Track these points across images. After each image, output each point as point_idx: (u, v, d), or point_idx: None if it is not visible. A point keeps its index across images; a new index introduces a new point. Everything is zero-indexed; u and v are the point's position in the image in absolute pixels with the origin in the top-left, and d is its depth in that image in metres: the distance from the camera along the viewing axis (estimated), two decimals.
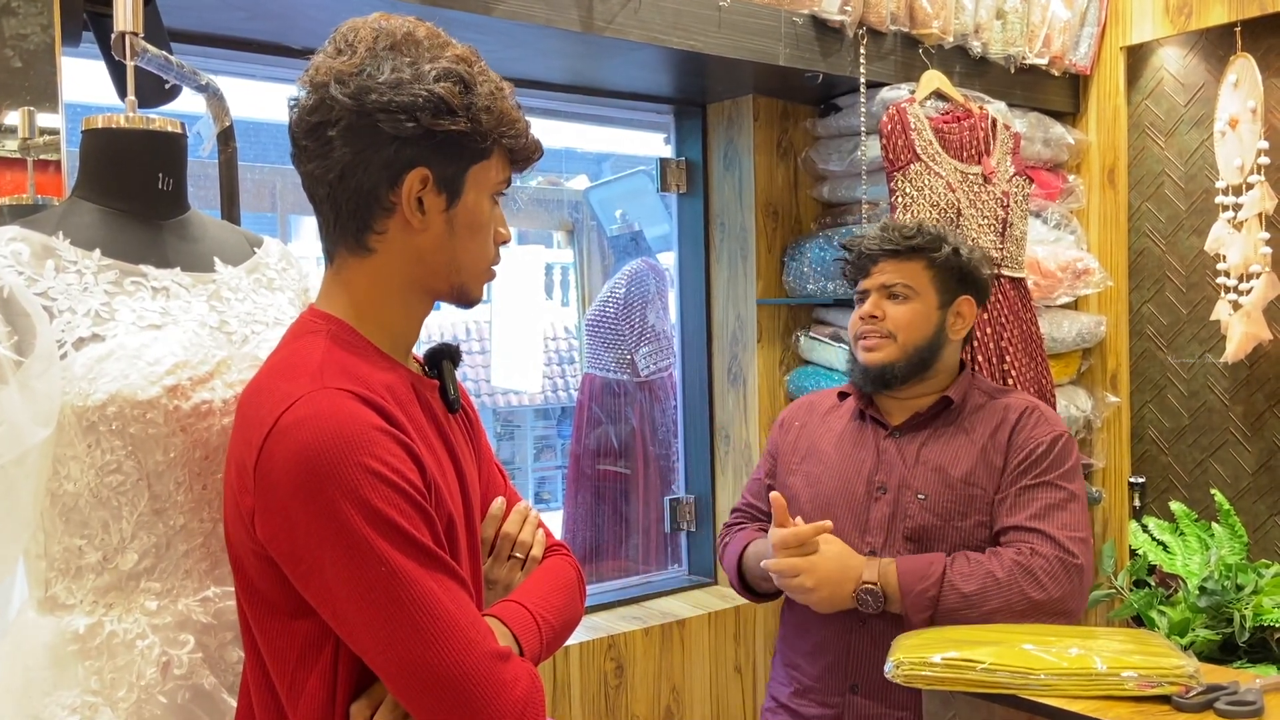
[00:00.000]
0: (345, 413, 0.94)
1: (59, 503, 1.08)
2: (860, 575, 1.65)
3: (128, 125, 1.19)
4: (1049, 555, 1.62)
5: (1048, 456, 1.70)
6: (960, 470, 1.72)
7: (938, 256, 1.78)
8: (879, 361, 1.76)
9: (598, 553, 3.15)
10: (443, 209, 1.05)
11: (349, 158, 1.01)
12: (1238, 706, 1.25)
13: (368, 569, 0.92)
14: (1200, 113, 2.89)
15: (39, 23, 1.57)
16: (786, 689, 1.81)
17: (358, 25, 1.04)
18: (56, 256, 1.10)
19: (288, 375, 1.00)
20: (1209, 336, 2.89)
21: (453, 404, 1.13)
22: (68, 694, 1.06)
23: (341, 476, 0.91)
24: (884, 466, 1.77)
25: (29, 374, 1.04)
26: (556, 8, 2.06)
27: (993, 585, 1.60)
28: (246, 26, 2.00)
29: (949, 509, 1.70)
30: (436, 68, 1.01)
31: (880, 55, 2.53)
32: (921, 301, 1.77)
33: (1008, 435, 1.73)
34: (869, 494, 1.76)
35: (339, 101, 1.00)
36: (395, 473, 0.94)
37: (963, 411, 1.78)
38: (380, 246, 1.05)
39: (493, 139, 1.05)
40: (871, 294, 1.80)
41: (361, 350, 1.04)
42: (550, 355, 4.95)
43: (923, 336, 1.76)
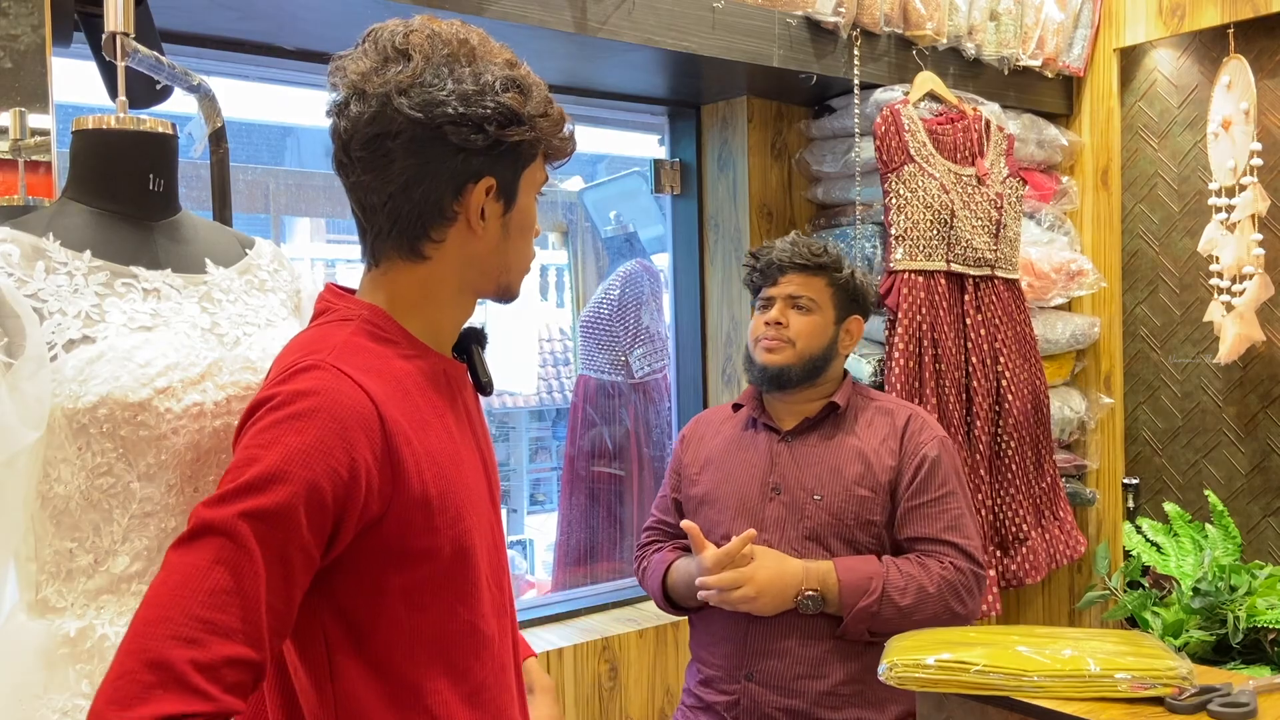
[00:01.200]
0: (325, 392, 0.94)
1: (49, 505, 1.07)
2: (800, 582, 1.74)
3: (118, 126, 1.18)
4: (966, 570, 1.77)
5: (940, 464, 1.83)
6: (852, 472, 1.83)
7: (840, 276, 1.91)
8: (777, 363, 1.87)
9: (592, 554, 3.14)
10: (500, 214, 1.06)
11: (413, 169, 1.00)
12: (1231, 708, 1.25)
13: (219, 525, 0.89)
14: (1193, 114, 2.90)
15: (30, 23, 1.57)
16: (695, 678, 1.91)
17: (400, 30, 1.03)
18: (47, 258, 1.10)
19: (306, 346, 1.01)
20: (1202, 338, 2.90)
21: (485, 387, 1.15)
22: (59, 697, 1.06)
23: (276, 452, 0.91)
24: (777, 469, 1.87)
25: (19, 376, 1.03)
26: (550, 9, 2.06)
27: (925, 600, 1.73)
28: (238, 27, 1.99)
29: (843, 508, 1.81)
30: (498, 77, 1.01)
31: (874, 57, 2.53)
32: (821, 315, 1.90)
33: (899, 440, 1.85)
34: (763, 495, 1.86)
35: (404, 114, 0.99)
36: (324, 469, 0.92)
37: (847, 417, 1.90)
38: (436, 254, 1.05)
39: (545, 141, 1.06)
40: (777, 301, 1.91)
41: (390, 339, 1.04)
42: (545, 357, 4.95)
43: (818, 347, 1.89)
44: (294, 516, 0.91)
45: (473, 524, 1.04)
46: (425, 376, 1.05)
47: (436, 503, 1.00)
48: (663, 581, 1.94)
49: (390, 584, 0.99)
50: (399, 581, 0.99)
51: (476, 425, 1.12)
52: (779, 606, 1.75)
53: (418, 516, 0.98)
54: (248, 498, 0.90)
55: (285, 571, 0.91)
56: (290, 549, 0.91)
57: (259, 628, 0.88)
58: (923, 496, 1.82)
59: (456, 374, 1.11)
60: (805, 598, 1.74)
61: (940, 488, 1.82)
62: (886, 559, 1.78)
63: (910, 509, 1.81)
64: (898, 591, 1.73)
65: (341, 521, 0.94)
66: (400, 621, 1.00)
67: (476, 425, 1.12)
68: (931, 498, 1.81)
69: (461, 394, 1.11)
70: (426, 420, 1.02)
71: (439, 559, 1.00)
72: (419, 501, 0.98)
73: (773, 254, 1.92)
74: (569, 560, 3.17)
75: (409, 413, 1.00)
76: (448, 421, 1.05)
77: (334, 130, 1.04)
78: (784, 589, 1.74)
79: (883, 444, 1.86)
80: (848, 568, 1.76)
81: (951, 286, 2.44)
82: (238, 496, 0.90)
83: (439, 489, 1.00)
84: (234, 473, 0.92)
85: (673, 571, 1.92)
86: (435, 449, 1.02)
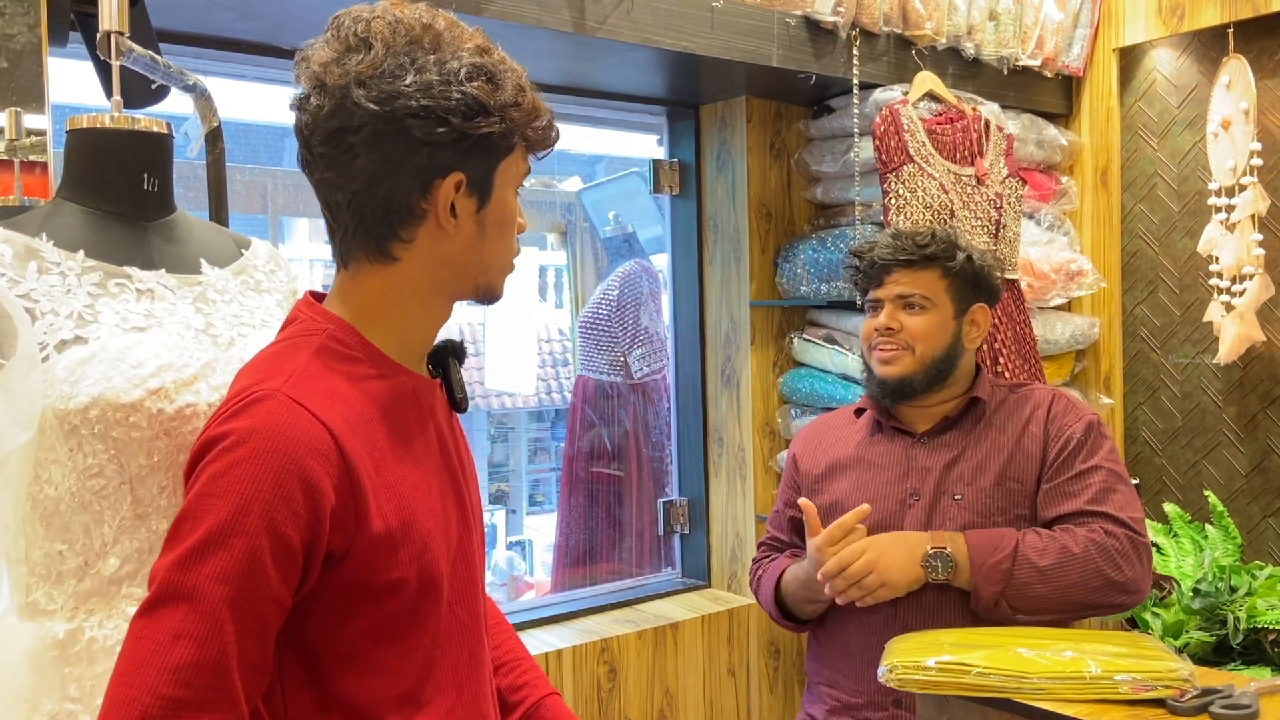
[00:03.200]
0: (279, 429, 0.90)
1: (40, 507, 1.07)
2: (925, 542, 1.60)
3: (112, 125, 1.17)
4: (1120, 535, 1.60)
5: (1086, 442, 1.68)
6: (996, 466, 1.69)
7: (953, 265, 1.76)
8: (897, 375, 1.73)
9: (591, 555, 3.14)
10: (474, 211, 1.00)
11: (376, 165, 0.95)
12: (1232, 710, 1.24)
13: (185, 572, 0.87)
14: (1193, 114, 2.89)
15: (25, 23, 1.56)
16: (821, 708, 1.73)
17: (363, 15, 0.97)
18: (39, 258, 1.09)
19: (265, 368, 0.97)
20: (1202, 338, 2.89)
21: (459, 404, 1.09)
22: (47, 701, 1.05)
23: (234, 502, 0.88)
24: (915, 473, 1.73)
25: (10, 376, 1.02)
26: (548, 8, 2.05)
27: (1069, 560, 1.57)
28: (236, 27, 1.98)
29: (988, 505, 1.67)
30: (464, 65, 0.95)
31: (873, 56, 2.52)
32: (938, 312, 1.74)
33: (1043, 425, 1.71)
34: (902, 502, 1.72)
35: (363, 107, 0.93)
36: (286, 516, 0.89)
37: (989, 409, 1.75)
38: (405, 255, 0.99)
39: (520, 134, 1.00)
40: (885, 304, 1.76)
41: (355, 357, 0.99)
42: (544, 357, 4.94)
43: (941, 347, 1.74)
44: (261, 571, 0.87)
45: (440, 553, 1.00)
46: (391, 399, 1.00)
47: (400, 536, 0.96)
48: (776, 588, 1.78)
49: (354, 619, 0.95)
50: (363, 616, 0.96)
51: (448, 443, 1.07)
52: (908, 574, 1.59)
53: (381, 551, 0.94)
54: (209, 557, 0.86)
55: (259, 628, 0.88)
56: (262, 605, 0.88)
57: (233, 692, 0.86)
58: (1063, 474, 1.67)
59: (426, 391, 1.05)
60: (932, 556, 1.59)
61: (1084, 463, 1.67)
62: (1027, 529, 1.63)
63: (1050, 490, 1.67)
64: (1035, 551, 1.57)
65: (310, 561, 0.91)
66: (360, 655, 0.96)
67: (448, 443, 1.07)
68: (1073, 474, 1.66)
69: (432, 412, 1.05)
70: (390, 447, 0.98)
71: (405, 592, 0.97)
72: (382, 536, 0.94)
73: (875, 252, 1.78)
74: (568, 561, 3.17)
75: (371, 442, 0.96)
76: (414, 445, 1.01)
77: (296, 126, 0.99)
78: (908, 549, 1.60)
79: (1026, 431, 1.71)
80: (978, 532, 1.63)
81: None
82: (199, 556, 0.86)
83: (403, 521, 0.96)
84: (190, 523, 0.88)
85: (787, 575, 1.77)
86: (399, 478, 0.97)
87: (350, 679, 0.96)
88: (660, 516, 2.86)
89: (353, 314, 1.01)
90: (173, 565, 0.87)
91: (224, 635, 0.86)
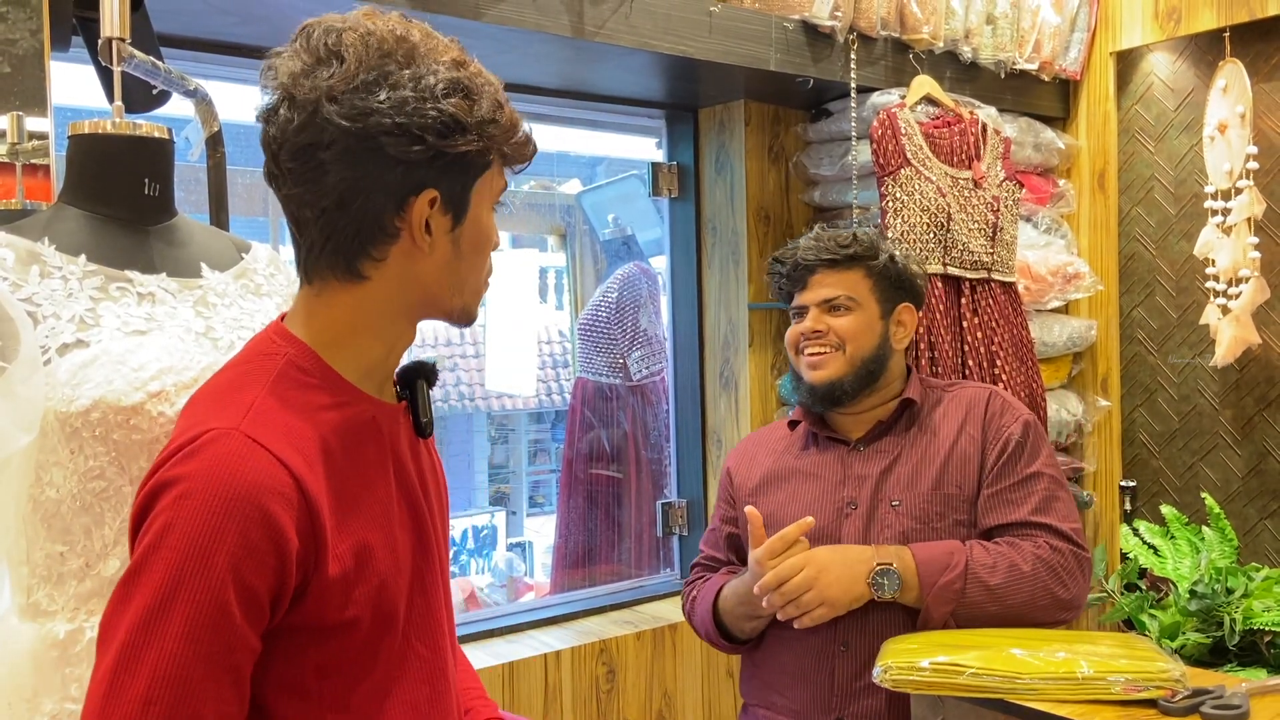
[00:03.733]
0: (239, 472, 0.86)
1: (41, 509, 1.08)
2: (871, 558, 1.55)
3: (114, 131, 1.19)
4: (1065, 551, 1.58)
5: (1026, 445, 1.66)
6: (933, 470, 1.65)
7: (876, 264, 1.73)
8: (827, 379, 1.69)
9: (590, 556, 3.15)
10: (448, 229, 0.96)
11: (348, 183, 0.92)
12: (1223, 711, 1.25)
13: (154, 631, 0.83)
14: (1189, 118, 2.90)
15: (28, 28, 1.57)
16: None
17: (335, 26, 0.93)
18: (42, 262, 1.10)
19: (219, 402, 0.93)
20: (1199, 340, 2.90)
21: (424, 428, 1.05)
22: (48, 701, 1.06)
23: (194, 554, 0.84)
24: (851, 481, 1.69)
25: (12, 379, 1.04)
26: (547, 13, 2.06)
27: (1019, 579, 1.54)
28: (237, 31, 2.00)
29: (926, 511, 1.63)
30: (441, 80, 0.92)
31: (871, 60, 2.53)
32: (864, 312, 1.71)
33: (980, 426, 1.68)
34: (839, 512, 1.68)
35: (334, 123, 0.90)
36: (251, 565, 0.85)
37: (923, 411, 1.72)
38: (375, 274, 0.95)
39: (498, 149, 0.98)
40: (810, 309, 1.72)
41: (313, 385, 0.95)
42: (544, 359, 4.95)
43: (869, 347, 1.70)
44: (229, 623, 0.84)
45: (397, 588, 0.97)
46: (349, 430, 0.96)
47: (354, 574, 0.93)
48: (713, 606, 1.71)
49: (305, 656, 0.93)
50: (314, 652, 0.93)
51: (409, 471, 1.03)
52: (850, 591, 1.52)
53: (336, 590, 0.91)
54: (173, 615, 0.83)
55: (233, 678, 0.86)
56: (234, 655, 0.86)
57: None
58: (1005, 480, 1.63)
59: (387, 419, 1.01)
60: (879, 574, 1.52)
61: (1025, 469, 1.63)
62: (970, 541, 1.60)
63: (992, 495, 1.63)
64: (985, 569, 1.53)
65: (276, 606, 0.89)
66: (308, 689, 0.93)
67: (409, 471, 1.03)
68: (1015, 480, 1.63)
69: (392, 440, 1.01)
70: (347, 482, 0.95)
71: (358, 629, 0.94)
72: (338, 576, 0.91)
73: (797, 254, 1.75)
74: (567, 563, 3.18)
75: (329, 478, 0.93)
76: (371, 478, 0.97)
77: (263, 138, 0.95)
78: (851, 566, 1.53)
79: (962, 432, 1.67)
80: (923, 546, 1.58)
81: (948, 289, 2.45)
82: (163, 614, 0.82)
83: (359, 558, 0.93)
84: (148, 576, 0.84)
85: (724, 592, 1.70)
86: (356, 513, 0.94)
87: (296, 712, 0.93)
88: (659, 518, 2.87)
89: (315, 335, 0.98)
90: (136, 626, 0.83)
91: (199, 695, 0.83)
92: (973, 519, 1.64)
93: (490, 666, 2.28)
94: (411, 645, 1.00)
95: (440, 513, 1.09)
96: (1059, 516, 1.62)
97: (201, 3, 1.83)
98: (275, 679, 0.92)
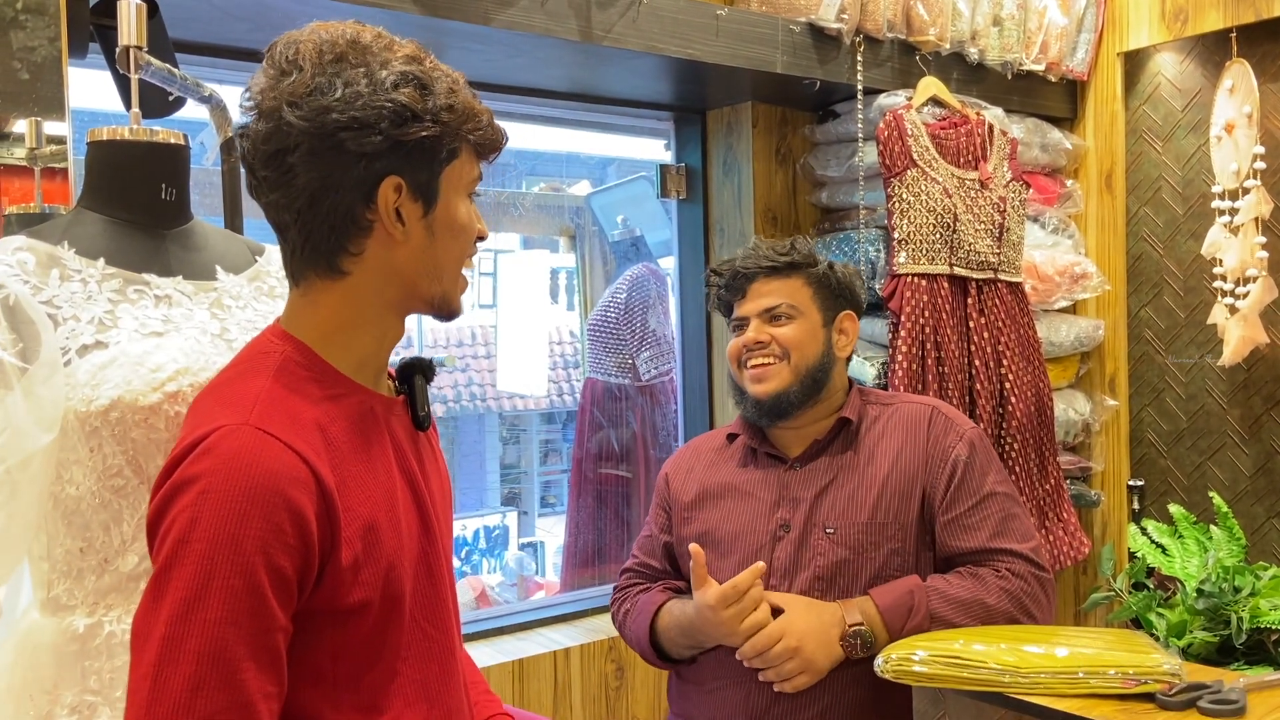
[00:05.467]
0: (256, 463, 0.90)
1: (61, 506, 1.11)
2: (841, 618, 1.53)
3: (132, 138, 1.21)
4: (1028, 575, 1.57)
5: (974, 464, 1.62)
6: (870, 498, 1.61)
7: (815, 271, 1.70)
8: (771, 391, 1.65)
9: (599, 555, 3.17)
10: (421, 215, 1.01)
11: (316, 182, 0.96)
12: (1220, 705, 1.27)
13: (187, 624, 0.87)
14: (1197, 118, 2.91)
15: (46, 35, 1.61)
16: None
17: (295, 39, 0.99)
18: (61, 265, 1.13)
19: (223, 399, 0.97)
20: (1206, 340, 2.91)
21: (421, 421, 1.09)
22: (68, 693, 1.09)
23: (223, 542, 0.88)
24: (786, 503, 1.65)
25: (34, 380, 1.06)
26: (556, 18, 2.08)
27: (986, 616, 1.53)
28: (250, 37, 2.02)
29: (860, 541, 1.59)
30: (392, 73, 0.97)
31: (877, 62, 2.55)
32: (806, 320, 1.68)
33: (922, 447, 1.63)
34: (773, 535, 1.64)
35: (295, 126, 0.95)
36: (279, 547, 0.89)
37: (861, 431, 1.68)
38: (355, 268, 1.00)
39: (460, 137, 1.01)
40: (751, 319, 1.69)
41: (311, 378, 1.00)
42: (555, 359, 4.98)
43: (814, 355, 1.66)
44: (265, 605, 0.88)
45: (403, 570, 1.00)
46: (350, 418, 1.00)
47: (364, 556, 0.96)
48: (650, 627, 1.67)
49: (319, 639, 0.96)
50: (327, 635, 0.96)
51: (409, 459, 1.06)
52: (829, 656, 1.51)
53: (348, 574, 0.95)
54: (211, 602, 0.86)
55: (272, 659, 0.89)
56: (271, 636, 0.89)
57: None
58: (959, 506, 1.59)
59: (383, 409, 1.05)
60: (852, 633, 1.51)
61: (977, 491, 1.60)
62: (931, 576, 1.57)
63: (948, 524, 1.59)
64: (950, 608, 1.51)
65: (302, 587, 0.93)
66: (321, 671, 0.97)
67: (409, 459, 1.06)
68: (970, 505, 1.59)
69: (390, 429, 1.05)
70: (352, 468, 0.98)
71: (369, 612, 0.97)
72: (349, 559, 0.95)
73: (735, 263, 1.71)
74: (576, 562, 3.20)
75: (337, 464, 0.96)
76: (375, 463, 1.01)
77: (240, 154, 1.01)
78: (825, 630, 1.50)
79: (901, 455, 1.63)
80: (881, 591, 1.55)
81: (955, 290, 2.46)
82: (200, 603, 0.86)
83: (367, 542, 0.97)
84: (181, 571, 0.87)
85: (664, 615, 1.66)
86: (362, 498, 0.98)
87: (309, 691, 0.96)
88: None
89: (308, 334, 1.02)
90: (174, 618, 0.86)
91: (244, 676, 0.86)
92: (907, 546, 1.60)
93: (500, 664, 2.30)
94: (420, 626, 1.03)
95: (443, 504, 1.13)
96: (1017, 538, 1.60)
97: (215, 9, 1.86)
98: (293, 664, 0.94)
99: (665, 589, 1.74)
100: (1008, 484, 1.66)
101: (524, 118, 2.59)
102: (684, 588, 1.73)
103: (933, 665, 1.39)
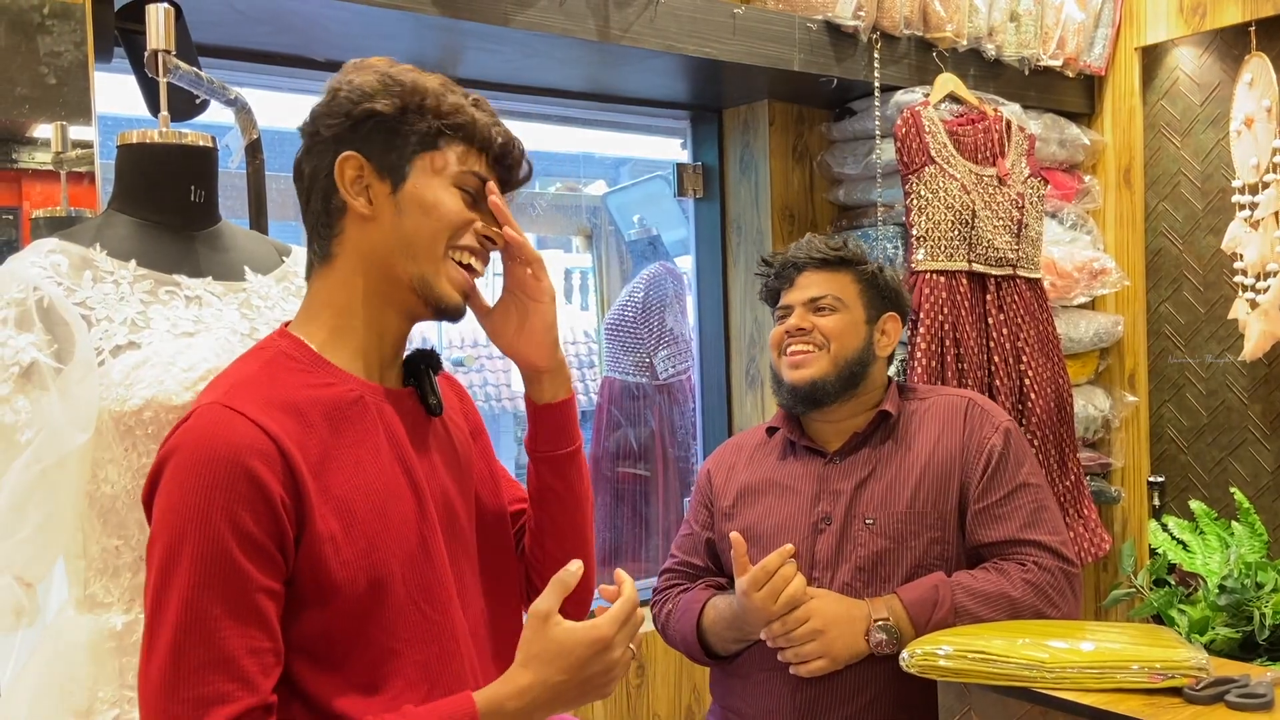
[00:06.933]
0: (218, 435, 0.96)
1: (97, 504, 1.12)
2: (868, 612, 1.55)
3: (161, 141, 1.23)
4: (1054, 569, 1.58)
5: (1009, 456, 1.64)
6: (909, 488, 1.63)
7: (865, 270, 1.72)
8: (809, 378, 1.66)
9: (617, 554, 3.18)
10: (389, 193, 1.06)
11: (309, 173, 1.08)
12: (1248, 699, 1.26)
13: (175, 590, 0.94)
14: (1216, 112, 2.90)
15: (72, 40, 1.62)
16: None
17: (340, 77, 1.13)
18: (94, 267, 1.15)
19: (212, 388, 1.04)
20: (1227, 335, 2.89)
21: (433, 408, 1.13)
22: (105, 688, 1.10)
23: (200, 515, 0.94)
24: (826, 496, 1.67)
25: (69, 380, 1.08)
26: (574, 18, 2.09)
27: (1010, 609, 1.55)
28: (271, 41, 2.04)
29: (900, 531, 1.61)
30: (370, 74, 1.07)
31: (894, 59, 2.55)
32: (850, 313, 1.70)
33: (959, 438, 1.65)
34: (814, 528, 1.65)
35: (302, 131, 1.08)
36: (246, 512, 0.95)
37: (899, 424, 1.70)
38: (339, 250, 1.07)
39: (431, 123, 1.06)
40: (796, 308, 1.71)
41: (300, 369, 1.04)
42: (571, 359, 4.98)
43: (854, 348, 1.68)
44: (235, 566, 0.93)
45: (389, 554, 1.02)
46: (334, 406, 1.03)
47: (341, 537, 0.99)
48: (697, 624, 1.68)
49: (303, 617, 0.99)
50: (311, 614, 0.99)
51: (405, 448, 1.08)
52: (851, 647, 1.53)
53: (327, 551, 0.98)
54: (181, 567, 0.93)
55: (257, 617, 0.94)
56: (249, 595, 0.94)
57: (247, 677, 0.93)
58: (991, 496, 1.61)
59: (375, 398, 1.07)
60: (878, 629, 1.53)
61: (1010, 482, 1.61)
62: (957, 573, 1.58)
63: (979, 513, 1.61)
64: (975, 602, 1.53)
65: (283, 551, 0.97)
66: (311, 650, 1.00)
67: (405, 448, 1.08)
68: (1001, 495, 1.61)
69: (383, 418, 1.07)
70: (331, 453, 1.01)
71: (351, 592, 1.00)
72: (325, 538, 0.98)
73: (788, 254, 1.75)
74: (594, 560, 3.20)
75: (313, 444, 1.00)
76: (359, 450, 1.03)
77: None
78: (852, 623, 1.53)
79: (939, 445, 1.65)
80: (907, 587, 1.57)
81: (973, 286, 2.46)
82: (173, 569, 0.93)
83: (344, 523, 1.00)
84: (159, 540, 0.95)
85: (709, 611, 1.67)
86: (339, 481, 1.01)
87: (306, 670, 0.99)
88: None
89: (305, 326, 1.08)
90: (156, 585, 0.94)
91: (223, 632, 0.92)
92: (947, 535, 1.62)
93: None
94: (419, 608, 1.05)
95: (461, 490, 1.14)
96: (1047, 530, 1.61)
97: (238, 14, 1.87)
98: (287, 643, 0.98)
99: (707, 586, 1.75)
100: (1040, 477, 1.66)
101: (540, 118, 2.60)
102: (725, 584, 1.74)
103: (958, 660, 1.39)
